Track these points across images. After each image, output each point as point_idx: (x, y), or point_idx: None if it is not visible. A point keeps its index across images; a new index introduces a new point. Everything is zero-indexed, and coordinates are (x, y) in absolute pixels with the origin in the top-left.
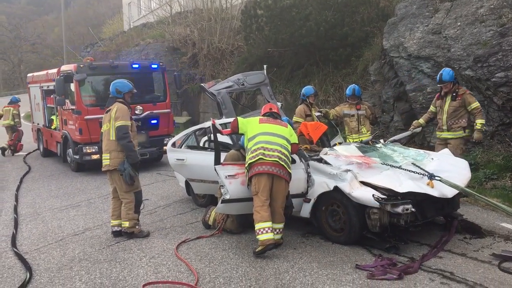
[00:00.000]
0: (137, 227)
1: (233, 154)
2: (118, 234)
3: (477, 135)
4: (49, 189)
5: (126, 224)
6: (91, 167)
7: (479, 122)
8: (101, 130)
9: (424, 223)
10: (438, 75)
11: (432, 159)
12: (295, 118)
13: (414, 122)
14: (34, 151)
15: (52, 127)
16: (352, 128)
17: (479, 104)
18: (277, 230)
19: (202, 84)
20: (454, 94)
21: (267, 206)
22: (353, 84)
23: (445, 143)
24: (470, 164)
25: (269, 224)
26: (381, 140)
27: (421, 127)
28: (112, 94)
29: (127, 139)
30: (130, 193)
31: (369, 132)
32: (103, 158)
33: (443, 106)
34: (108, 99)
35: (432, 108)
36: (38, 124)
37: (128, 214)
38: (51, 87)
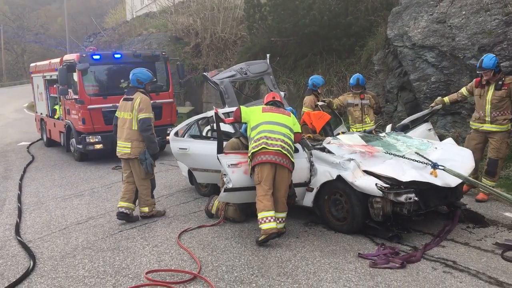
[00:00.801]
0: (154, 210)
1: (233, 142)
2: (123, 216)
3: None
4: (52, 179)
5: (146, 209)
6: (94, 157)
7: None
8: (117, 115)
9: (427, 212)
10: (479, 61)
11: (436, 148)
12: (304, 109)
13: (437, 99)
14: (37, 141)
15: (55, 116)
16: (355, 117)
17: None
18: (280, 219)
19: (204, 73)
20: (500, 82)
21: (270, 195)
22: (357, 74)
23: (484, 136)
24: None
25: (272, 213)
26: (388, 127)
27: (441, 105)
28: (132, 84)
29: (150, 131)
30: (147, 180)
31: (372, 122)
32: (121, 146)
33: (484, 95)
34: (128, 87)
35: (464, 91)
36: (41, 114)
37: (147, 200)
38: (54, 77)
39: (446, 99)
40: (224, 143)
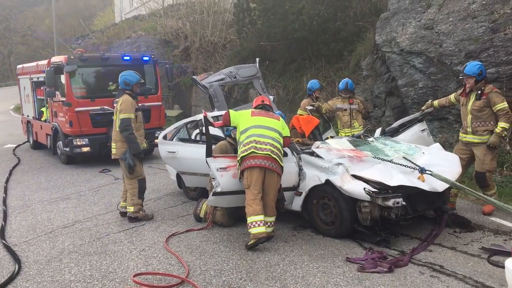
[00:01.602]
0: (141, 212)
1: (222, 144)
2: (124, 215)
3: (492, 138)
4: (38, 182)
5: (131, 209)
6: (81, 160)
7: (501, 125)
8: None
9: (414, 216)
10: (463, 66)
11: (423, 153)
12: (299, 111)
13: (427, 102)
14: (23, 143)
15: (42, 119)
16: (344, 122)
17: (506, 105)
18: (269, 223)
19: (194, 76)
20: (479, 92)
21: (259, 199)
22: (346, 78)
23: (468, 148)
24: None
25: (261, 217)
26: (378, 130)
27: (432, 109)
28: (121, 86)
29: (128, 131)
30: (134, 180)
31: (361, 126)
32: (111, 147)
33: (467, 104)
34: (118, 90)
35: (452, 98)
36: (28, 116)
37: (133, 200)
38: (41, 79)
39: (436, 102)
40: (213, 146)
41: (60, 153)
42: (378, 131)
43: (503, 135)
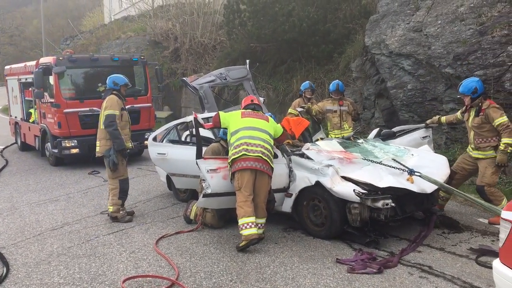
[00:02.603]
0: (120, 212)
1: (214, 146)
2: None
3: (498, 157)
4: (27, 184)
5: (110, 208)
6: (70, 162)
7: (504, 141)
8: None
9: (403, 218)
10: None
11: (412, 155)
12: (290, 110)
13: (434, 117)
14: (11, 144)
15: (30, 120)
16: (334, 124)
17: (506, 119)
18: (259, 225)
19: (184, 78)
20: (477, 108)
21: (250, 201)
22: (337, 80)
23: (473, 161)
24: (450, 161)
25: (252, 219)
26: (374, 131)
27: (437, 124)
28: (108, 86)
29: (113, 127)
30: (115, 180)
31: (351, 128)
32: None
33: (468, 120)
34: (106, 90)
35: (458, 115)
36: (15, 117)
37: (113, 199)
38: (30, 80)
39: (443, 118)
40: (204, 148)
41: (49, 154)
42: (373, 133)
43: (508, 151)
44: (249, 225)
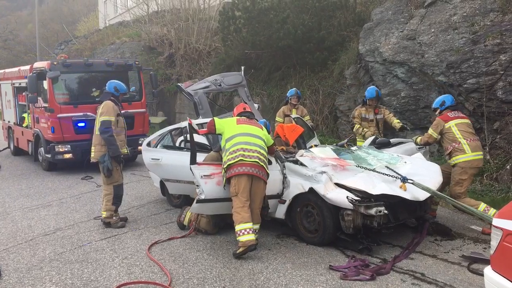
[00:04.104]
0: (114, 218)
1: (213, 155)
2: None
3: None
4: (19, 188)
5: (104, 214)
6: (63, 167)
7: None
8: None
9: (396, 225)
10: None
11: (405, 162)
12: (277, 118)
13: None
14: (4, 149)
15: (24, 125)
16: (370, 134)
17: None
18: (254, 231)
19: (179, 84)
20: None
21: (247, 207)
22: (373, 86)
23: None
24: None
25: (250, 225)
26: (369, 139)
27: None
28: (108, 90)
29: (108, 133)
30: (110, 186)
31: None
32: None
33: None
34: (104, 93)
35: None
36: (8, 122)
37: (107, 205)
38: (23, 84)
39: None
40: (200, 154)
41: (42, 159)
42: (368, 141)
43: (417, 141)
44: (246, 231)
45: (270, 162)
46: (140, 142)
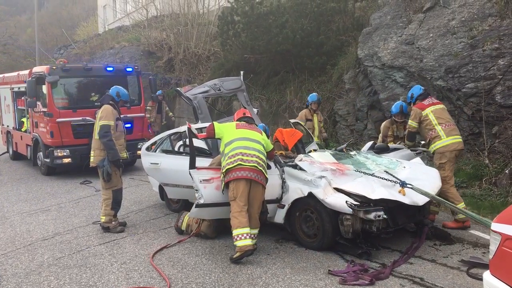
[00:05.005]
0: (113, 222)
1: (219, 158)
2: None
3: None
4: (18, 193)
5: (103, 218)
6: (62, 171)
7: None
8: None
9: (395, 229)
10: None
11: (404, 167)
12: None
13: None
14: (2, 154)
15: (23, 129)
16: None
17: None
18: (252, 235)
19: (178, 88)
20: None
21: (245, 211)
22: (400, 101)
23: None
24: None
25: (247, 230)
26: (367, 144)
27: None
28: (110, 93)
29: (107, 138)
30: (108, 190)
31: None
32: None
33: None
34: (105, 96)
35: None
36: (7, 126)
37: (106, 210)
38: (22, 89)
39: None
40: (199, 159)
41: (40, 164)
42: (367, 146)
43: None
44: (243, 236)
45: (269, 167)
46: (139, 146)
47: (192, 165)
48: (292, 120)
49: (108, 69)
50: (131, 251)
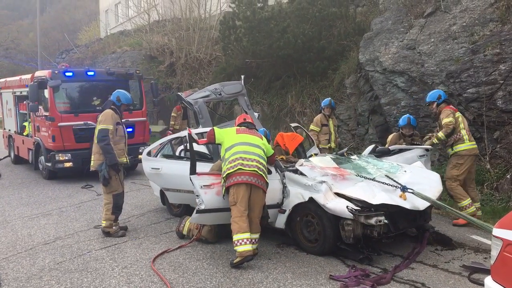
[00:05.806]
0: (113, 227)
1: (220, 164)
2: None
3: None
4: (19, 197)
5: (103, 223)
6: (64, 175)
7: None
8: None
9: (396, 234)
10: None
11: (405, 171)
12: (311, 127)
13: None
14: (4, 157)
15: (24, 133)
16: None
17: (450, 119)
18: (253, 240)
19: (179, 93)
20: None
21: (245, 216)
22: (407, 114)
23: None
24: (442, 177)
25: (247, 235)
26: (369, 148)
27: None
28: (111, 99)
29: (105, 142)
30: (109, 195)
31: None
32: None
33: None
34: (106, 101)
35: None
36: (9, 130)
37: (106, 214)
38: (25, 93)
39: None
40: (200, 164)
41: (42, 168)
42: (368, 149)
43: (434, 141)
44: (244, 241)
45: (270, 172)
46: (140, 151)
47: (193, 171)
48: (292, 124)
49: (110, 73)
50: (132, 256)
